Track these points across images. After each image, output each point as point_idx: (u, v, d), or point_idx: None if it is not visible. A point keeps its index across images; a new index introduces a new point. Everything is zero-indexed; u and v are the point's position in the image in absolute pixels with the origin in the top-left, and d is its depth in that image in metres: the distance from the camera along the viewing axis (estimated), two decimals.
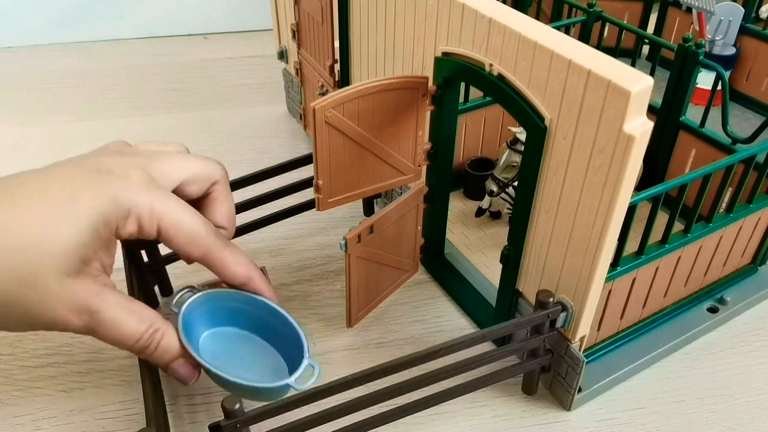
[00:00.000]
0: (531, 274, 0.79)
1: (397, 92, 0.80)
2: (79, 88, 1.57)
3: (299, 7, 1.16)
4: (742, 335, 0.93)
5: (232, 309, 0.81)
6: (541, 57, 0.64)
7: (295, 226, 1.10)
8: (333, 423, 0.71)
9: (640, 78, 0.57)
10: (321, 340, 0.92)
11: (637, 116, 0.59)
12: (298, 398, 0.69)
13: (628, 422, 0.82)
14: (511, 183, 0.82)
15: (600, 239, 0.66)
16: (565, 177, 0.68)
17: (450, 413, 0.83)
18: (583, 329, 0.75)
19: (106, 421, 0.82)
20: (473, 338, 0.72)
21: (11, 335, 0.93)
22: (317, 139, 0.76)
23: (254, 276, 0.77)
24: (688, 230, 0.82)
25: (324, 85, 1.15)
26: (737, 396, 0.85)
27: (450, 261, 1.01)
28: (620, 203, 0.63)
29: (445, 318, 0.96)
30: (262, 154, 1.32)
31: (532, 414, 0.83)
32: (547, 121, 0.67)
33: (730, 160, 0.80)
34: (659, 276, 0.84)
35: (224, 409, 0.65)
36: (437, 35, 0.79)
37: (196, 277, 1.01)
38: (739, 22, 1.19)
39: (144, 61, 1.70)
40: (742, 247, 0.93)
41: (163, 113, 1.48)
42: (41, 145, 1.36)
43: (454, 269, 1.00)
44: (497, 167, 0.80)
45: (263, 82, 1.59)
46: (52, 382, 0.87)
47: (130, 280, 0.88)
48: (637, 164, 0.60)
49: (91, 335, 0.67)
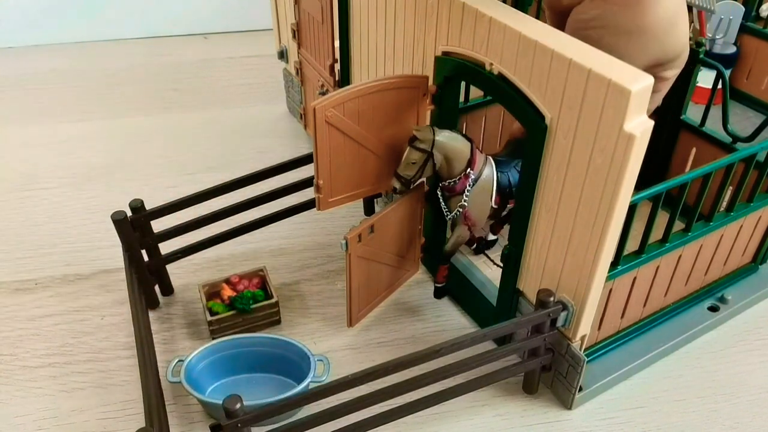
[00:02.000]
0: (531, 274, 0.79)
1: (398, 91, 0.80)
2: (79, 88, 1.57)
3: (299, 6, 1.16)
4: (743, 334, 0.93)
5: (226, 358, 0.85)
6: (541, 56, 0.64)
7: (295, 226, 1.10)
8: (333, 423, 0.71)
9: (640, 77, 0.57)
10: (321, 340, 0.92)
11: (638, 115, 0.59)
12: (299, 398, 0.69)
13: (629, 421, 0.82)
14: (415, 181, 0.83)
15: (600, 238, 0.66)
16: (566, 176, 0.68)
17: (451, 412, 0.83)
18: (583, 328, 0.75)
19: (107, 421, 0.82)
20: (474, 337, 0.72)
21: (12, 335, 0.93)
22: (317, 138, 0.77)
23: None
24: (689, 229, 0.82)
25: (324, 84, 1.15)
26: (738, 395, 0.85)
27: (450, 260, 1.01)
28: (621, 202, 0.63)
29: (445, 317, 0.96)
30: (262, 154, 1.32)
31: (533, 413, 0.83)
32: (548, 120, 0.67)
33: (730, 159, 0.80)
34: (660, 275, 0.84)
35: (225, 409, 0.65)
36: (437, 34, 0.79)
37: (197, 278, 1.01)
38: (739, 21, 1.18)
39: (144, 61, 1.70)
40: (742, 246, 0.93)
41: (163, 113, 1.47)
42: (41, 145, 1.36)
43: (454, 268, 0.99)
44: (400, 164, 0.82)
45: (263, 81, 1.58)
46: (53, 382, 0.87)
47: (130, 280, 0.88)
48: (637, 163, 0.60)
49: None
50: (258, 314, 0.92)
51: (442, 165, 0.82)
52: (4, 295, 1.00)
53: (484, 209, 0.86)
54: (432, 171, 0.82)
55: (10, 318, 0.96)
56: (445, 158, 0.81)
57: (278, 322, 0.94)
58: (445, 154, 0.81)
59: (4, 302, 0.99)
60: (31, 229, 1.13)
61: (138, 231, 0.90)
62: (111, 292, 1.00)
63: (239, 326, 0.91)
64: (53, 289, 1.01)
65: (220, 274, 0.97)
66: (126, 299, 0.96)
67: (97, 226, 1.13)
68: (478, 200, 0.85)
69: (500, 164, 0.86)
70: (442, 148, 0.81)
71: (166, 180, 1.25)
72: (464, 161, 0.82)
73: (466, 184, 0.83)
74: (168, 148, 1.35)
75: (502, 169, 0.86)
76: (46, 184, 1.24)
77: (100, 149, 1.35)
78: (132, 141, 1.38)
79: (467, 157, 0.82)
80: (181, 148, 1.35)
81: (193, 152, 1.33)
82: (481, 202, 0.85)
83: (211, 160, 1.30)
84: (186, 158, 1.31)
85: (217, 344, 0.84)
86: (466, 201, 0.84)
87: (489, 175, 0.85)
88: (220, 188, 0.93)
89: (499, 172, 0.85)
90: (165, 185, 1.23)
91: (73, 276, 1.04)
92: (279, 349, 0.85)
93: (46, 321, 0.96)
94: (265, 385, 0.85)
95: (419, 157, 0.81)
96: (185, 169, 1.28)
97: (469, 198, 0.84)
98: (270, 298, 0.93)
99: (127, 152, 1.34)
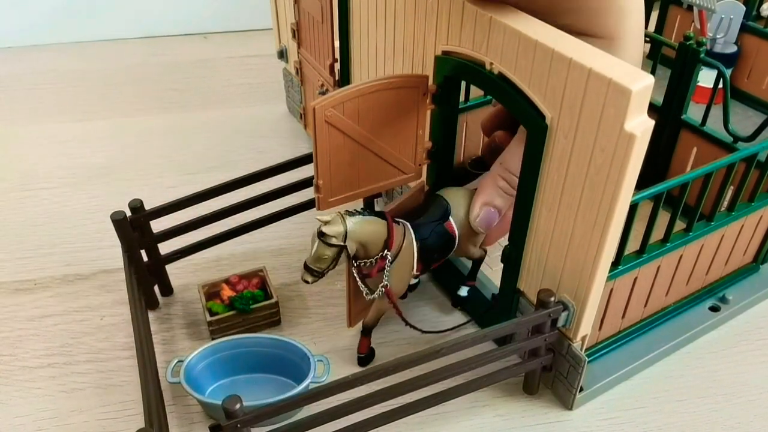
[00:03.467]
0: (532, 273, 0.79)
1: (398, 91, 0.80)
2: (79, 88, 1.57)
3: (299, 6, 1.16)
4: (743, 334, 0.93)
5: (225, 358, 0.85)
6: (541, 56, 0.64)
7: (295, 226, 1.10)
8: (333, 423, 0.71)
9: (640, 76, 0.57)
10: (322, 340, 0.92)
11: (638, 115, 0.58)
12: (299, 398, 0.69)
13: (630, 421, 0.81)
14: (328, 271, 0.78)
15: (601, 238, 0.66)
16: (566, 176, 0.67)
17: (451, 413, 0.82)
18: (584, 328, 0.75)
19: (106, 422, 0.82)
20: (474, 338, 0.72)
21: (11, 335, 0.93)
22: (317, 138, 0.76)
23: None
24: (690, 229, 0.82)
25: (324, 84, 1.15)
26: (739, 395, 0.85)
27: (451, 260, 1.01)
28: (621, 202, 0.63)
29: (446, 317, 0.96)
30: (262, 154, 1.32)
31: (534, 413, 0.82)
32: (548, 119, 0.67)
33: (731, 159, 0.80)
34: (661, 275, 0.83)
35: (225, 409, 0.64)
36: (437, 34, 0.79)
37: (197, 278, 1.01)
38: (740, 20, 1.18)
39: (144, 61, 1.70)
40: (743, 246, 0.93)
41: (163, 113, 1.47)
42: (41, 145, 1.36)
43: (454, 268, 0.99)
44: (309, 256, 0.77)
45: (263, 81, 1.58)
46: (53, 382, 0.87)
47: (129, 280, 0.88)
48: (638, 163, 0.60)
49: None
50: (258, 314, 0.92)
51: (359, 249, 0.78)
52: (4, 295, 1.00)
53: (405, 279, 0.82)
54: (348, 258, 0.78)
55: (10, 318, 0.96)
56: (361, 244, 0.77)
57: (278, 322, 0.94)
58: (360, 241, 0.76)
59: (4, 302, 0.99)
60: (31, 229, 1.13)
61: (137, 231, 0.89)
62: (111, 292, 1.00)
63: (239, 326, 0.91)
64: (53, 289, 1.01)
65: (220, 275, 0.97)
66: (126, 299, 0.96)
67: (97, 226, 1.13)
68: (398, 275, 0.80)
69: (419, 229, 0.81)
70: (356, 237, 0.76)
71: (165, 180, 1.25)
72: (381, 242, 0.78)
73: (383, 265, 0.78)
74: (168, 148, 1.35)
75: (423, 235, 0.81)
76: (46, 184, 1.24)
77: (100, 149, 1.35)
78: (132, 141, 1.38)
79: (384, 238, 0.77)
80: (181, 148, 1.35)
81: (193, 152, 1.33)
82: (402, 277, 0.81)
83: (211, 160, 1.30)
84: (186, 158, 1.31)
85: (217, 345, 0.84)
86: (386, 280, 0.79)
87: (409, 248, 0.80)
88: (219, 188, 0.93)
89: (419, 240, 0.80)
90: (165, 185, 1.23)
91: (73, 276, 1.03)
92: (279, 350, 0.85)
93: (45, 321, 0.96)
94: (265, 386, 0.85)
95: (332, 252, 0.76)
96: (185, 169, 1.28)
97: (389, 276, 0.79)
98: (270, 298, 0.92)
99: (127, 152, 1.34)
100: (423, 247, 0.81)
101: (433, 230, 0.82)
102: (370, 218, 0.77)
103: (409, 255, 0.80)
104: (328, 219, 0.75)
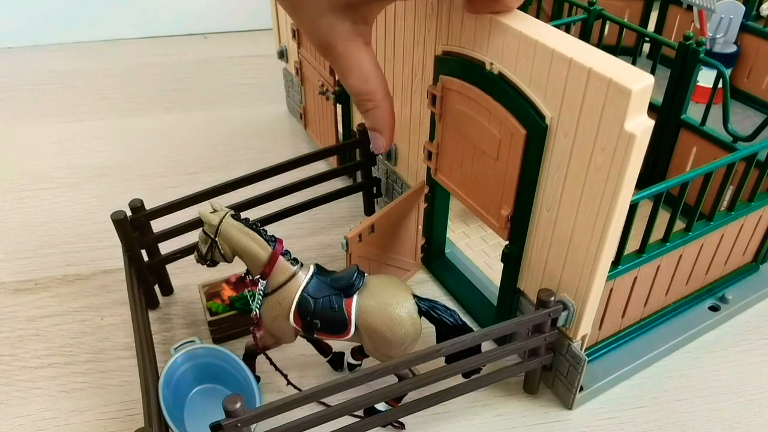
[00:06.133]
0: (532, 273, 0.79)
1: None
2: (79, 88, 1.57)
3: None
4: (743, 333, 0.93)
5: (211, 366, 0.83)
6: (541, 56, 0.64)
7: (295, 226, 1.10)
8: (333, 423, 0.71)
9: (640, 76, 0.57)
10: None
11: (638, 114, 0.58)
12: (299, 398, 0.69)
13: (630, 421, 0.81)
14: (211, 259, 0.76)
15: (601, 238, 0.66)
16: (566, 175, 0.67)
17: (451, 412, 0.83)
18: (584, 328, 0.75)
19: (106, 422, 0.82)
20: (474, 337, 0.72)
21: (12, 336, 0.93)
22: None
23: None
24: (690, 228, 0.82)
25: (324, 84, 1.15)
26: (739, 394, 0.85)
27: (451, 260, 1.01)
28: (621, 201, 0.63)
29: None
30: (262, 154, 1.32)
31: (534, 413, 0.82)
32: (548, 119, 0.67)
33: (731, 159, 0.80)
34: (661, 274, 0.83)
35: (225, 409, 0.64)
36: (437, 34, 0.79)
37: (197, 278, 1.01)
38: (739, 20, 1.18)
39: (144, 61, 1.70)
40: (743, 246, 0.93)
41: (163, 113, 1.47)
42: (41, 145, 1.36)
43: (455, 268, 0.99)
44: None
45: (263, 81, 1.59)
46: (53, 382, 0.87)
47: (130, 280, 0.88)
48: (638, 163, 0.60)
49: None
50: None
51: (243, 260, 0.75)
52: (4, 295, 1.00)
53: (280, 324, 0.77)
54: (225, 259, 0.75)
55: (10, 318, 0.96)
56: (234, 252, 0.75)
57: None
58: (232, 248, 0.74)
59: (4, 303, 0.99)
60: (31, 229, 1.13)
61: (138, 231, 0.89)
62: (111, 292, 1.00)
63: (239, 326, 0.91)
64: (53, 289, 1.01)
65: (220, 274, 0.97)
66: (126, 299, 0.96)
67: (97, 226, 1.13)
68: (271, 313, 0.76)
69: (318, 284, 0.75)
70: (227, 240, 0.74)
71: (166, 180, 1.25)
72: (257, 266, 0.75)
73: (255, 289, 0.76)
74: (168, 148, 1.35)
75: (312, 292, 0.75)
76: (46, 184, 1.24)
77: (99, 149, 1.35)
78: (132, 141, 1.38)
79: (262, 261, 0.74)
80: (181, 148, 1.35)
81: (193, 152, 1.33)
82: (275, 317, 0.76)
83: (211, 160, 1.30)
84: (186, 158, 1.31)
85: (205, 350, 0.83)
86: (256, 307, 0.76)
87: (292, 292, 0.75)
88: (220, 188, 0.93)
89: (306, 296, 0.74)
90: (165, 185, 1.23)
91: (73, 276, 1.03)
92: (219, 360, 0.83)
93: (46, 321, 0.96)
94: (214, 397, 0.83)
95: (206, 241, 0.75)
96: (185, 169, 1.28)
97: (261, 307, 0.76)
98: None
99: (127, 152, 1.34)
100: (304, 303, 0.75)
101: (329, 297, 0.75)
102: (252, 233, 0.74)
103: (288, 299, 0.75)
104: (220, 209, 0.75)
